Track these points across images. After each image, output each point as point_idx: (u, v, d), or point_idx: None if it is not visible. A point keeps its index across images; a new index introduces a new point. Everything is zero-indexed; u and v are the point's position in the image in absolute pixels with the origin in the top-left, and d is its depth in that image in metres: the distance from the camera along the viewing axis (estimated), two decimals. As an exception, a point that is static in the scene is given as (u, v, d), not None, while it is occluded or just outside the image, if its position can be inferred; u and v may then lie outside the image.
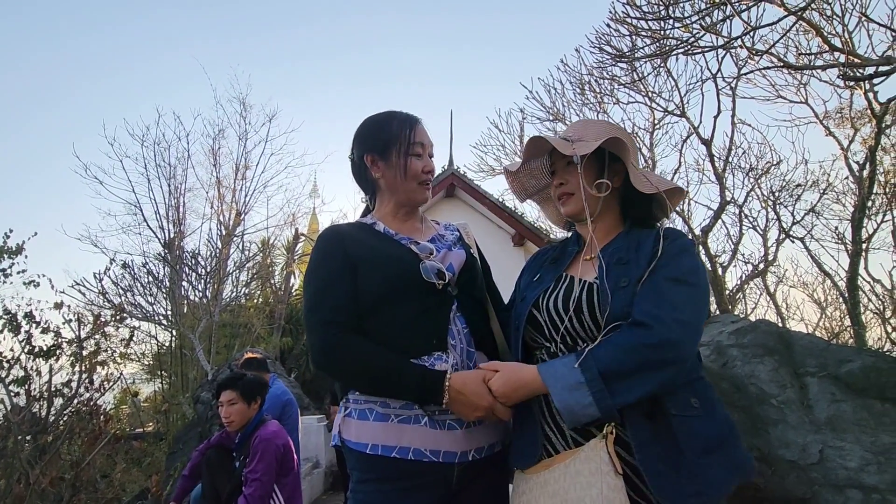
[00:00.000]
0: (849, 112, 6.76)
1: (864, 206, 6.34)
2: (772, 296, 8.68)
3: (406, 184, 1.16)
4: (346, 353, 1.01)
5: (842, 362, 3.07)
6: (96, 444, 3.97)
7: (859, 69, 4.21)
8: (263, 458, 2.20)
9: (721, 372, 3.25)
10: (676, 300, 0.90)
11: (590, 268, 1.06)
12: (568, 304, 1.00)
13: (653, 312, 0.87)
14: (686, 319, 0.88)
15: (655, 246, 0.99)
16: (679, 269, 0.94)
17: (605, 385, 0.85)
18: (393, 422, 1.00)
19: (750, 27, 3.98)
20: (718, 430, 0.91)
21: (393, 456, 0.98)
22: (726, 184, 7.25)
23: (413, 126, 1.16)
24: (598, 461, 0.86)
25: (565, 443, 0.96)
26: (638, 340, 0.86)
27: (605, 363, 0.86)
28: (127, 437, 5.70)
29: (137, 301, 7.98)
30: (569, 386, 0.87)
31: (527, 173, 1.25)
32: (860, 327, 6.32)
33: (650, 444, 0.87)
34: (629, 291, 0.94)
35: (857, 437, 2.70)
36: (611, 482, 0.84)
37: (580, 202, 1.07)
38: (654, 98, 7.32)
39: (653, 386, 0.87)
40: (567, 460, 0.91)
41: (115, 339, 5.66)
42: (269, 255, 10.78)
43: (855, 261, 6.35)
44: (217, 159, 10.17)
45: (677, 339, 0.86)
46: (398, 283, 1.06)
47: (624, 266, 0.98)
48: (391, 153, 1.15)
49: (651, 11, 4.69)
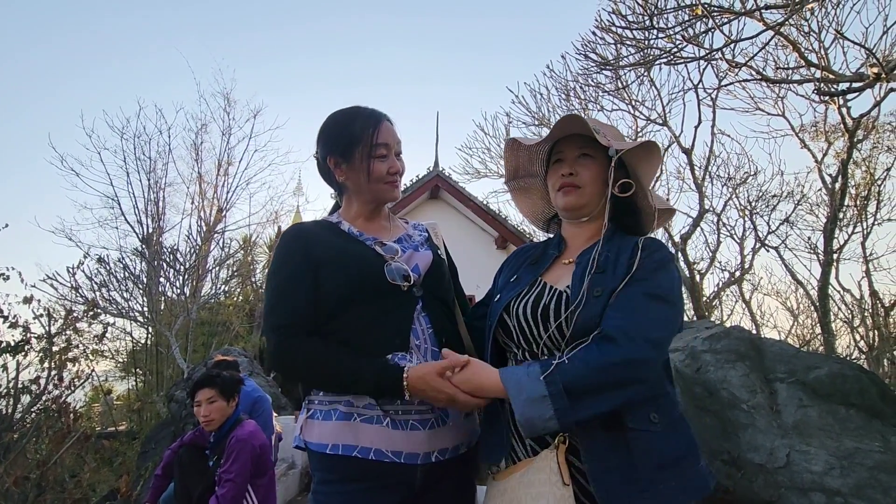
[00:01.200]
0: (823, 126, 6.97)
1: (836, 218, 6.54)
2: (747, 303, 8.88)
3: (371, 186, 1.13)
4: (299, 355, 1.00)
5: (810, 369, 3.16)
6: (64, 443, 3.86)
7: (834, 84, 4.35)
8: (238, 458, 2.17)
9: (694, 377, 3.32)
10: (649, 317, 0.88)
11: (565, 273, 1.04)
12: (536, 312, 0.99)
13: (623, 328, 0.86)
14: (655, 339, 0.87)
15: (633, 257, 0.97)
16: (656, 285, 0.92)
17: (568, 400, 0.83)
18: (355, 421, 0.99)
19: (730, 40, 4.08)
20: (676, 447, 0.90)
21: (354, 455, 0.97)
22: (705, 192, 7.41)
23: (376, 126, 1.11)
24: (548, 471, 0.86)
25: (525, 451, 0.96)
26: (605, 358, 0.84)
27: (570, 378, 0.84)
28: (97, 436, 5.55)
29: (112, 297, 7.78)
30: (531, 399, 0.85)
31: (526, 155, 1.19)
32: (830, 335, 6.51)
33: (603, 454, 0.88)
34: (601, 301, 0.92)
35: (823, 441, 2.78)
36: (558, 493, 0.84)
37: (587, 197, 1.05)
38: (637, 106, 7.45)
39: (616, 403, 0.85)
40: (523, 469, 0.91)
41: (87, 335, 5.52)
42: (250, 253, 10.63)
43: (826, 270, 6.54)
44: (199, 154, 9.99)
45: (644, 357, 0.85)
46: (361, 284, 1.04)
47: (601, 275, 0.96)
48: (354, 156, 1.11)
49: (636, 21, 4.78)
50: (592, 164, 1.05)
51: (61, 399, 4.20)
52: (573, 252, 1.07)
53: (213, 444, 2.35)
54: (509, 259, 1.21)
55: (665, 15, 4.48)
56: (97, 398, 8.30)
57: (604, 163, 1.04)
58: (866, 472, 2.51)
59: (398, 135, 1.16)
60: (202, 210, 9.82)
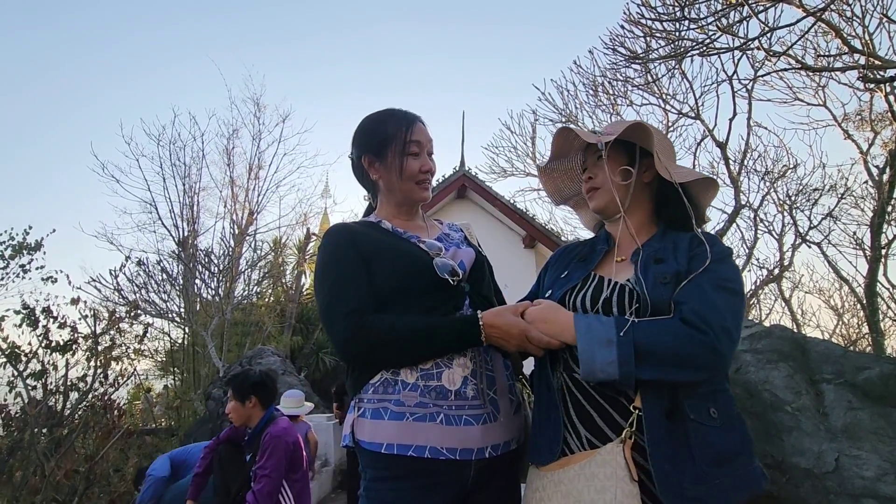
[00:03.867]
0: (868, 115, 6.63)
1: (884, 211, 6.20)
2: (787, 301, 8.54)
3: (403, 184, 1.14)
4: (376, 331, 0.99)
5: (859, 370, 3.01)
6: (110, 439, 4.03)
7: (880, 71, 4.13)
8: (273, 454, 2.21)
9: (734, 377, 3.20)
10: (722, 307, 0.88)
11: (619, 269, 1.03)
12: (597, 304, 0.98)
13: (702, 315, 0.86)
14: (730, 328, 0.87)
15: (695, 248, 0.97)
16: (723, 276, 0.92)
17: (633, 354, 0.84)
18: (408, 420, 0.98)
19: (767, 28, 3.92)
20: (733, 445, 0.90)
21: (409, 455, 0.96)
22: (741, 187, 7.15)
23: (410, 125, 1.14)
24: (614, 465, 0.85)
25: (580, 444, 0.94)
26: (688, 335, 0.85)
27: (643, 336, 0.85)
28: (139, 433, 5.78)
29: (151, 298, 8.10)
30: (598, 339, 0.86)
31: (563, 175, 1.23)
32: (878, 335, 6.19)
33: (663, 442, 0.86)
34: (669, 288, 0.92)
35: (875, 445, 2.64)
36: (626, 488, 0.82)
37: (607, 195, 1.05)
38: (668, 100, 7.25)
39: (679, 377, 0.86)
40: (583, 461, 0.89)
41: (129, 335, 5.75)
42: (280, 255, 10.87)
43: (874, 267, 6.22)
44: (231, 159, 10.31)
45: (723, 350, 0.86)
46: (412, 279, 1.05)
47: (662, 264, 0.96)
48: (387, 153, 1.13)
49: (666, 13, 4.65)
50: (609, 163, 1.06)
51: (106, 396, 4.40)
52: (623, 249, 1.06)
53: (248, 441, 2.41)
54: (553, 258, 1.21)
55: (697, 5, 4.35)
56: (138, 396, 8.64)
57: (621, 160, 1.06)
58: (924, 478, 2.37)
59: (430, 136, 1.18)
60: (234, 213, 10.12)
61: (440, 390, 1.00)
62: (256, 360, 5.89)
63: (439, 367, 1.01)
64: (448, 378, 1.01)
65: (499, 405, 1.05)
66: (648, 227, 1.07)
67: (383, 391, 1.02)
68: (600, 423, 0.93)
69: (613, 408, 0.92)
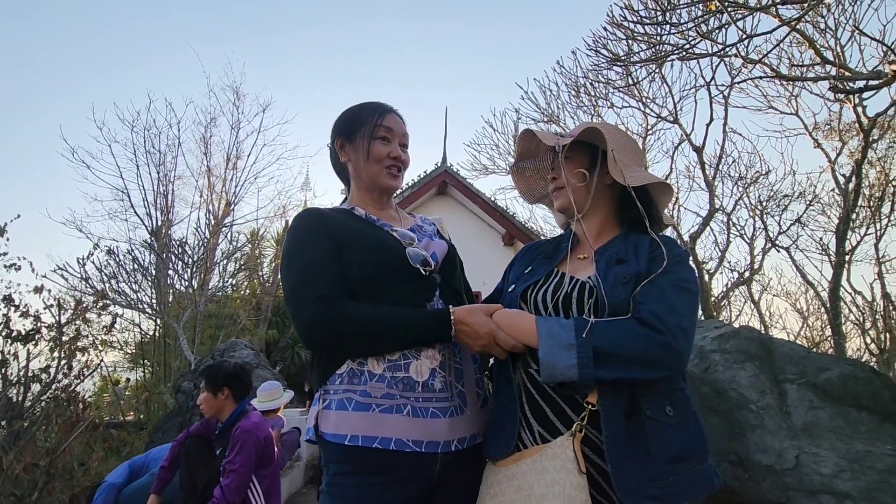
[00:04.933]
0: (837, 125, 6.86)
1: (849, 219, 6.44)
2: (756, 304, 8.80)
3: (369, 166, 1.14)
4: (345, 318, 0.97)
5: (821, 370, 3.12)
6: (73, 431, 3.90)
7: (849, 82, 4.27)
8: (243, 449, 2.17)
9: (702, 376, 3.28)
10: (679, 307, 0.91)
11: (581, 266, 1.06)
12: (557, 300, 1.00)
13: (660, 315, 0.88)
14: (687, 328, 0.90)
15: (654, 250, 1.00)
16: (681, 277, 0.95)
17: (593, 357, 0.86)
18: (374, 412, 0.96)
19: (745, 35, 4.01)
20: (689, 442, 0.92)
21: (374, 447, 0.94)
22: (716, 191, 7.33)
23: (383, 113, 1.16)
24: (563, 459, 0.86)
25: (533, 438, 0.96)
26: (646, 335, 0.87)
27: (602, 338, 0.87)
28: (106, 426, 5.62)
29: (121, 288, 7.86)
30: (560, 344, 0.88)
31: (534, 175, 1.25)
32: (840, 337, 6.43)
33: (622, 440, 0.88)
34: (629, 288, 0.94)
35: (833, 444, 2.74)
36: (574, 481, 0.84)
37: (568, 196, 1.08)
38: (647, 103, 7.37)
39: (636, 376, 0.88)
40: (535, 455, 0.91)
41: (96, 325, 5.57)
42: (257, 247, 10.69)
43: (838, 272, 6.45)
44: (208, 148, 10.05)
45: (680, 349, 0.88)
46: (383, 266, 1.04)
47: (624, 264, 0.99)
48: (357, 137, 1.15)
49: (648, 16, 4.72)
50: (570, 163, 1.08)
51: (70, 388, 4.25)
52: (586, 247, 1.08)
53: (218, 435, 2.37)
54: (520, 254, 1.23)
55: (678, 10, 4.42)
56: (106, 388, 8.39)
57: (582, 161, 1.09)
58: (877, 475, 2.47)
59: (405, 129, 1.19)
60: (210, 203, 9.90)
61: (407, 381, 0.99)
62: (229, 353, 5.79)
63: (407, 358, 1.00)
64: (416, 369, 0.99)
65: (466, 398, 1.05)
66: (611, 227, 1.10)
67: (349, 382, 1.00)
68: (552, 418, 0.94)
69: (566, 403, 0.93)
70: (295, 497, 4.38)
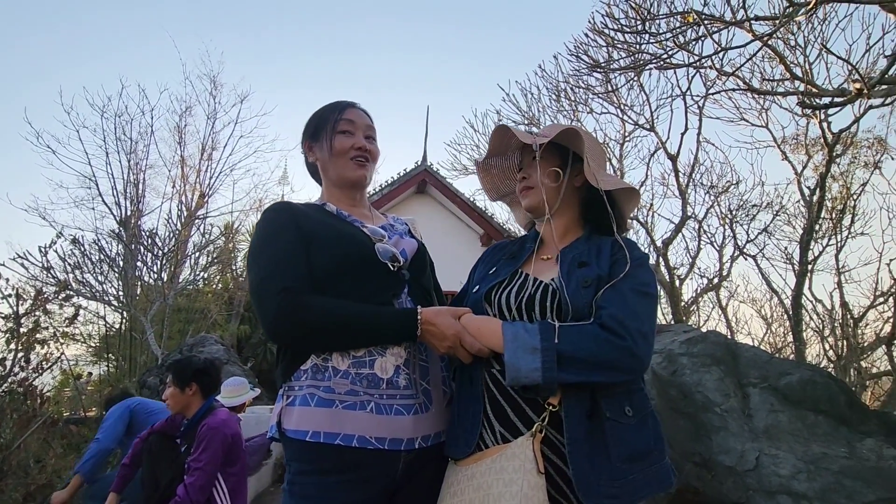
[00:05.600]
0: (804, 139, 7.13)
1: (812, 230, 6.70)
2: (723, 309, 9.06)
3: (335, 160, 1.16)
4: (309, 311, 0.96)
5: (782, 375, 3.23)
6: (29, 427, 3.75)
7: (816, 98, 4.44)
8: (209, 446, 2.12)
9: (671, 379, 3.36)
10: (640, 312, 0.93)
11: (545, 267, 1.07)
12: (521, 301, 1.01)
13: (621, 320, 0.90)
14: (647, 332, 0.93)
15: (616, 253, 1.02)
16: (642, 282, 0.97)
17: (556, 360, 0.87)
18: (337, 408, 0.95)
19: (720, 48, 4.13)
20: (646, 441, 0.94)
21: (336, 443, 0.93)
22: (688, 199, 7.53)
23: (342, 108, 1.18)
24: (522, 458, 0.88)
25: (494, 438, 0.96)
26: (607, 340, 0.89)
27: (566, 343, 0.89)
28: (65, 421, 5.41)
29: (86, 279, 7.57)
30: (524, 347, 0.89)
31: (500, 173, 1.26)
32: (801, 343, 6.69)
33: (582, 441, 0.90)
34: (591, 292, 0.96)
35: (791, 446, 2.85)
36: (532, 480, 0.85)
37: (538, 195, 1.09)
38: (625, 110, 7.51)
39: (598, 379, 0.90)
40: (495, 455, 0.92)
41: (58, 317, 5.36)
42: (232, 240, 10.45)
43: (801, 281, 6.70)
44: (182, 137, 9.76)
45: (641, 353, 0.90)
46: (352, 261, 1.04)
47: (585, 267, 1.00)
48: (321, 134, 1.17)
49: (628, 25, 4.81)
50: (542, 164, 1.09)
51: (28, 382, 4.08)
52: (550, 248, 1.10)
53: (183, 432, 2.30)
54: (485, 254, 1.24)
55: (657, 20, 4.52)
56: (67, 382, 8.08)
57: (554, 162, 1.09)
58: (832, 476, 2.58)
59: (369, 121, 1.20)
60: (183, 194, 9.62)
61: (372, 378, 0.98)
62: (198, 348, 5.65)
63: (372, 354, 0.99)
64: (380, 366, 0.99)
65: (431, 396, 1.05)
66: (575, 229, 1.12)
67: (313, 377, 0.99)
68: (514, 419, 0.95)
69: (527, 404, 0.95)
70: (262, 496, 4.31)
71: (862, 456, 2.67)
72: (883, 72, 3.09)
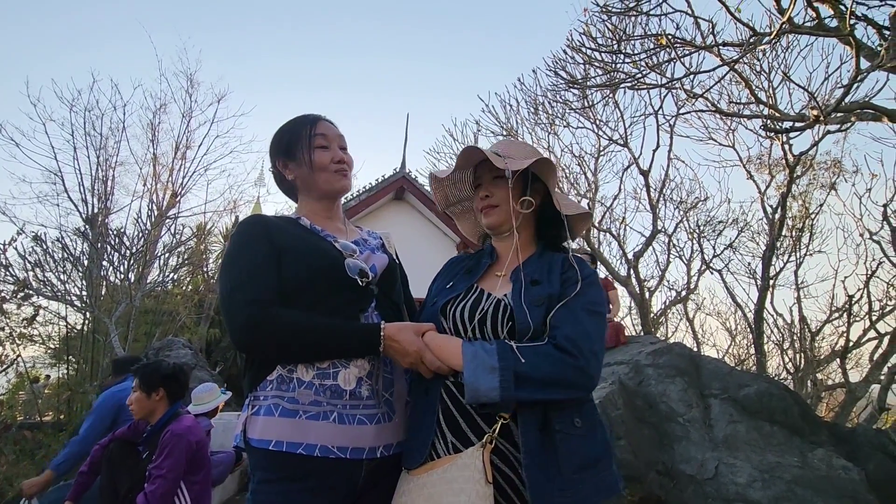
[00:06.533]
0: (768, 160, 7.46)
1: (774, 246, 6.99)
2: (690, 321, 9.34)
3: (317, 175, 1.17)
4: (276, 323, 0.98)
5: (741, 386, 3.36)
6: (-20, 433, 3.58)
7: (779, 122, 4.66)
8: (172, 453, 2.07)
9: (637, 389, 3.46)
10: (591, 331, 0.97)
11: (499, 283, 1.10)
12: (473, 315, 1.04)
13: (574, 340, 0.94)
14: (598, 351, 0.97)
15: (567, 271, 1.06)
16: (591, 301, 1.02)
17: (514, 380, 0.91)
18: (301, 418, 0.97)
19: (690, 71, 4.30)
20: (595, 450, 0.98)
21: (299, 452, 0.95)
22: (659, 214, 7.76)
23: (313, 122, 1.19)
24: (472, 469, 0.90)
25: (446, 448, 0.99)
26: (561, 360, 0.92)
27: (522, 363, 0.92)
28: (18, 426, 5.17)
29: (47, 278, 7.27)
30: (483, 367, 0.92)
31: (451, 183, 1.30)
32: (762, 356, 6.94)
33: (535, 454, 0.94)
34: (543, 310, 1.00)
35: (748, 455, 2.97)
36: (480, 490, 0.88)
37: (503, 215, 1.13)
38: (601, 126, 7.71)
39: (554, 397, 0.93)
40: (446, 465, 0.94)
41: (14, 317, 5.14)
42: (203, 241, 10.21)
43: (763, 295, 6.98)
44: (156, 135, 9.50)
45: (592, 372, 0.94)
46: (321, 274, 1.06)
47: (538, 286, 1.04)
48: (296, 152, 1.17)
49: (605, 44, 4.96)
50: (505, 183, 1.12)
51: (-20, 385, 3.90)
52: (504, 263, 1.14)
53: (146, 438, 2.24)
54: (444, 268, 1.27)
55: (632, 41, 4.68)
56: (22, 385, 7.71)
57: (517, 182, 1.13)
58: (784, 485, 2.69)
59: (339, 131, 1.22)
60: (155, 193, 9.37)
61: (335, 389, 1.00)
62: (165, 351, 5.50)
63: (336, 366, 1.02)
64: (344, 378, 1.01)
65: (394, 406, 1.07)
66: (529, 245, 1.16)
67: (278, 388, 1.01)
68: (466, 430, 0.98)
69: (479, 416, 0.98)
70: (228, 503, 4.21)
71: (813, 465, 2.80)
72: (838, 101, 3.28)
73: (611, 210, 8.40)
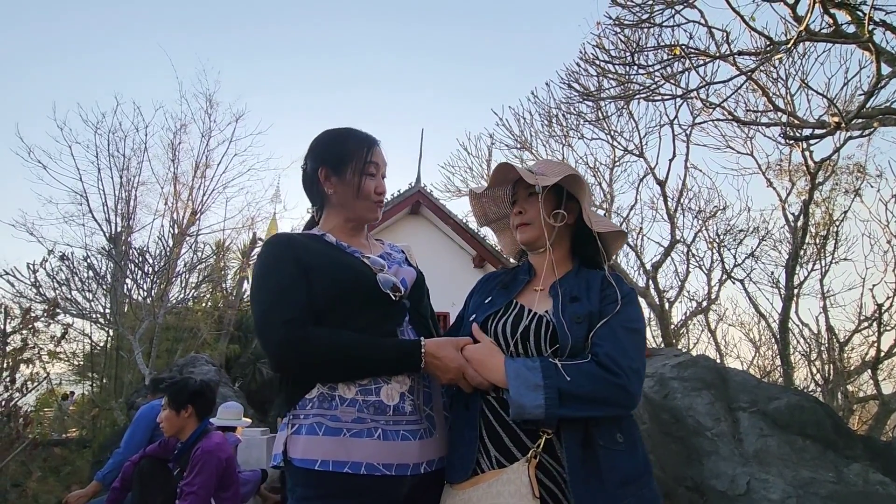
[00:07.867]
0: (788, 166, 7.35)
1: (797, 255, 6.85)
2: (712, 332, 9.16)
3: (358, 202, 1.17)
4: (315, 342, 0.98)
5: (770, 399, 3.28)
6: (11, 450, 3.65)
7: (798, 129, 4.61)
8: (203, 470, 2.10)
9: (662, 402, 3.40)
10: (631, 349, 0.98)
11: (539, 299, 1.11)
12: (516, 331, 1.05)
13: (615, 359, 0.96)
14: (639, 369, 0.98)
15: (606, 289, 1.07)
16: (631, 318, 1.03)
17: (558, 397, 0.92)
18: (345, 436, 0.97)
19: (705, 82, 4.29)
20: (636, 466, 0.98)
21: (345, 472, 0.95)
22: (677, 223, 7.68)
23: (371, 146, 1.18)
24: (518, 484, 0.91)
25: (490, 463, 0.99)
26: (603, 378, 0.94)
27: (566, 380, 0.94)
28: (47, 443, 5.26)
29: (73, 296, 7.46)
30: (527, 384, 0.94)
31: (490, 200, 1.32)
32: (789, 367, 6.76)
33: (579, 468, 0.94)
34: (584, 327, 1.01)
35: (781, 470, 2.88)
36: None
37: (536, 231, 1.15)
38: (615, 137, 7.72)
39: (597, 414, 0.95)
40: (491, 480, 0.95)
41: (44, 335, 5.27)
42: (223, 258, 10.38)
43: (787, 305, 6.83)
44: (176, 155, 9.75)
45: (634, 390, 0.96)
46: (354, 290, 1.06)
47: (577, 303, 1.05)
48: (346, 170, 1.16)
49: (618, 56, 4.98)
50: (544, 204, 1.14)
51: (12, 403, 3.99)
52: (541, 279, 1.15)
53: (177, 455, 2.28)
54: (479, 285, 1.29)
55: (645, 53, 4.70)
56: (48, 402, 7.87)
57: (551, 200, 1.15)
58: (820, 501, 2.61)
59: (386, 159, 1.23)
60: (175, 211, 9.58)
61: (379, 405, 1.00)
62: (189, 368, 5.57)
63: (378, 382, 1.02)
64: (386, 394, 1.01)
65: (435, 421, 1.07)
66: (566, 262, 1.18)
67: (319, 406, 1.00)
68: (509, 444, 0.99)
69: (522, 431, 0.98)
70: (251, 521, 4.21)
71: (849, 481, 2.71)
72: (859, 107, 3.24)
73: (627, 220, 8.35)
